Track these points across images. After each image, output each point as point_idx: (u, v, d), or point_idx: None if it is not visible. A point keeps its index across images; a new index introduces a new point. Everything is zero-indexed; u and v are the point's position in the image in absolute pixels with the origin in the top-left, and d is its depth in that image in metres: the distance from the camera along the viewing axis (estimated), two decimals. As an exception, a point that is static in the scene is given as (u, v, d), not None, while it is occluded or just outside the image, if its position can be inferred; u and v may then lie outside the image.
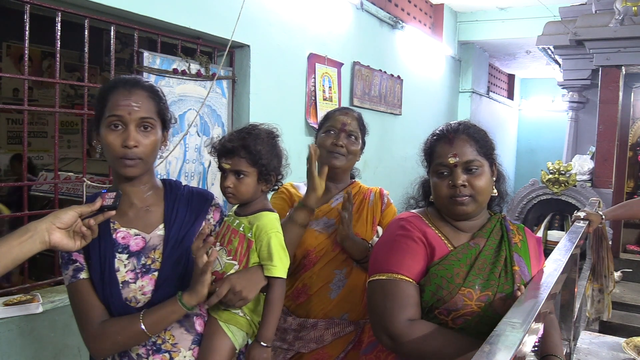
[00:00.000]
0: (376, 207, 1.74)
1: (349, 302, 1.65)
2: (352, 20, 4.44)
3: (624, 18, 4.38)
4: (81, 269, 1.25)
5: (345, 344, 1.65)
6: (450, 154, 1.27)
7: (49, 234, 1.08)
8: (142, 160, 1.23)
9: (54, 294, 2.28)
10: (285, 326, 1.67)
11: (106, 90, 1.26)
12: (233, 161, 1.33)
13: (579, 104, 5.49)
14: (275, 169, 1.39)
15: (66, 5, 2.33)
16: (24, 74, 2.24)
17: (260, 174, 1.35)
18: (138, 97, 1.23)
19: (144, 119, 1.22)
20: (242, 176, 1.33)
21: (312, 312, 1.65)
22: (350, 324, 1.65)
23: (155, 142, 1.26)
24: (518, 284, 1.22)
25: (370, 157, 4.86)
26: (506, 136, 9.59)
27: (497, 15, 6.53)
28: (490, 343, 0.77)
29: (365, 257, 1.62)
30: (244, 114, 3.29)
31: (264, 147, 1.35)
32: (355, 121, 1.72)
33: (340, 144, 1.66)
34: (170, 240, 1.28)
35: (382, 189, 1.80)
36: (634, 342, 2.02)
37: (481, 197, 1.27)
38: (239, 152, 1.33)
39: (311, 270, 1.65)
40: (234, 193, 1.35)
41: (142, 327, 1.18)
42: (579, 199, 4.47)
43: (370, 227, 1.71)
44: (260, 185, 1.37)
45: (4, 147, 5.14)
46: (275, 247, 1.31)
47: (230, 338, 1.33)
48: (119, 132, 1.21)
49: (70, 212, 1.12)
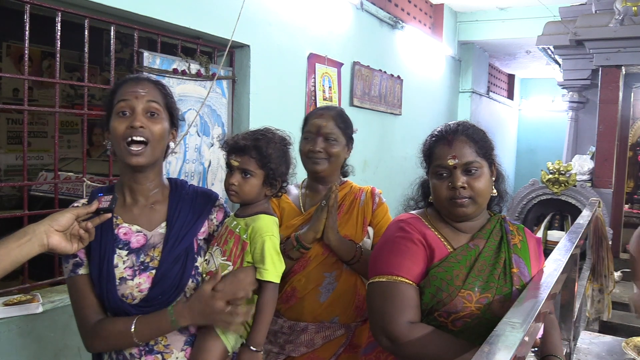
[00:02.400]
0: (367, 208, 1.70)
1: (339, 306, 1.63)
2: (352, 20, 4.44)
3: (624, 18, 4.38)
4: (80, 264, 1.26)
5: (336, 347, 1.63)
6: (450, 155, 1.26)
7: (47, 236, 1.08)
8: (148, 146, 1.24)
9: (54, 294, 2.27)
10: (276, 329, 1.65)
11: (115, 86, 1.30)
12: (243, 159, 1.34)
13: (579, 104, 5.49)
14: (282, 175, 1.39)
15: (66, 5, 2.33)
16: (24, 74, 2.23)
17: (266, 177, 1.36)
18: (145, 85, 1.27)
19: (150, 102, 1.25)
20: (248, 176, 1.34)
21: (302, 316, 1.63)
22: (341, 327, 1.64)
23: (162, 130, 1.27)
24: (517, 286, 1.22)
25: (370, 157, 4.86)
26: (506, 136, 9.58)
27: (497, 15, 6.53)
28: (490, 343, 0.77)
29: (354, 257, 1.61)
30: (244, 114, 3.29)
31: (275, 151, 1.36)
32: (332, 121, 1.67)
33: (318, 149, 1.65)
34: (170, 239, 1.29)
35: (374, 188, 1.76)
36: (634, 342, 2.02)
37: (481, 198, 1.26)
38: (249, 152, 1.34)
39: (300, 274, 1.63)
40: (237, 191, 1.35)
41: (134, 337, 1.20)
42: (579, 199, 4.47)
43: (360, 228, 1.68)
44: (264, 189, 1.37)
45: (4, 147, 5.13)
46: (268, 250, 1.30)
47: (222, 340, 1.32)
48: (127, 117, 1.24)
49: (68, 214, 1.13)
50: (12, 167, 5.16)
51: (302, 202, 1.73)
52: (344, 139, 1.69)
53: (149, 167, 1.28)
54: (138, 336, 1.20)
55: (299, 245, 1.56)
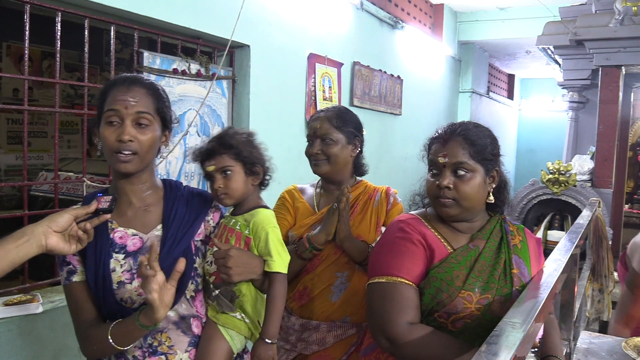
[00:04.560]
0: (381, 208, 1.70)
1: (350, 305, 1.64)
2: (352, 20, 4.44)
3: (624, 18, 4.38)
4: (74, 272, 1.25)
5: (348, 346, 1.64)
6: (441, 153, 1.26)
7: (45, 237, 1.07)
8: (137, 155, 1.22)
9: (54, 294, 2.28)
10: (288, 325, 1.66)
11: (106, 87, 1.26)
12: (216, 161, 1.35)
13: (579, 104, 5.48)
14: (259, 161, 1.40)
15: (66, 5, 2.33)
16: (24, 74, 2.24)
17: (245, 167, 1.37)
18: (136, 93, 1.23)
19: (140, 113, 1.22)
20: (228, 172, 1.35)
21: (314, 315, 1.64)
22: (352, 326, 1.64)
23: (152, 139, 1.24)
24: (517, 287, 1.22)
25: (370, 157, 4.83)
26: (506, 136, 9.58)
27: (497, 15, 6.53)
28: (490, 343, 0.77)
29: (366, 258, 1.61)
30: (244, 114, 3.29)
31: (241, 140, 1.37)
32: (327, 122, 1.66)
33: (316, 151, 1.65)
34: (167, 240, 1.27)
35: (389, 188, 1.75)
36: (634, 342, 2.01)
37: (466, 202, 1.24)
38: (219, 150, 1.35)
39: (312, 273, 1.64)
40: (225, 192, 1.35)
41: (110, 340, 1.18)
42: (579, 199, 4.47)
43: (374, 229, 1.67)
44: (249, 180, 1.38)
45: (4, 147, 5.13)
46: (273, 242, 1.32)
47: (228, 342, 1.32)
48: (115, 127, 1.21)
49: (66, 215, 1.11)
50: (12, 167, 5.16)
51: (317, 202, 1.74)
52: (343, 137, 1.67)
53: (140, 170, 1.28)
54: (115, 341, 1.18)
55: (311, 247, 1.57)
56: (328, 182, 1.73)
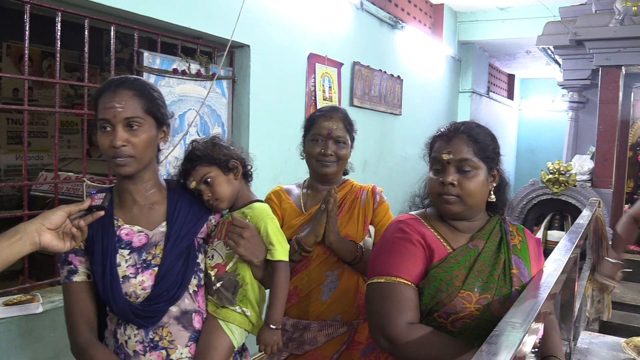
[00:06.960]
0: (368, 206, 1.70)
1: (341, 304, 1.64)
2: (352, 20, 4.44)
3: (624, 18, 4.38)
4: (75, 271, 1.27)
5: (339, 344, 1.64)
6: (445, 150, 1.26)
7: (38, 235, 1.08)
8: (133, 158, 1.24)
9: (54, 294, 2.27)
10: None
11: (96, 94, 1.28)
12: (195, 173, 1.38)
13: (579, 104, 5.48)
14: (229, 156, 1.42)
15: (66, 5, 2.33)
16: (24, 74, 2.24)
17: (221, 167, 1.39)
18: (122, 97, 1.24)
19: (129, 119, 1.23)
20: (209, 180, 1.38)
21: (305, 314, 1.65)
22: (343, 324, 1.65)
23: (146, 140, 1.26)
24: (516, 287, 1.21)
25: (370, 157, 4.86)
26: (506, 136, 9.58)
27: (497, 15, 6.53)
28: (490, 343, 0.77)
29: (355, 258, 1.61)
30: (244, 114, 3.29)
31: (205, 147, 1.41)
32: (341, 123, 1.67)
33: (330, 152, 1.65)
34: (171, 236, 1.31)
35: (374, 186, 1.76)
36: (634, 342, 2.01)
37: (470, 199, 1.24)
38: (194, 163, 1.39)
39: (302, 273, 1.64)
40: (216, 198, 1.38)
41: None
42: (579, 199, 4.47)
43: (362, 228, 1.68)
44: (230, 177, 1.41)
45: (4, 147, 5.13)
46: (273, 232, 1.39)
47: (229, 336, 1.34)
48: (108, 134, 1.23)
49: (59, 212, 1.12)
50: (12, 167, 5.16)
51: (303, 202, 1.73)
52: (349, 140, 1.71)
53: (140, 170, 1.30)
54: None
55: (301, 249, 1.57)
56: (320, 182, 1.72)
